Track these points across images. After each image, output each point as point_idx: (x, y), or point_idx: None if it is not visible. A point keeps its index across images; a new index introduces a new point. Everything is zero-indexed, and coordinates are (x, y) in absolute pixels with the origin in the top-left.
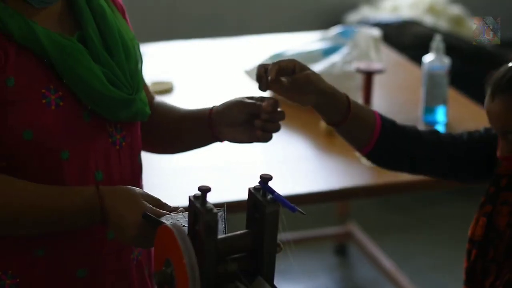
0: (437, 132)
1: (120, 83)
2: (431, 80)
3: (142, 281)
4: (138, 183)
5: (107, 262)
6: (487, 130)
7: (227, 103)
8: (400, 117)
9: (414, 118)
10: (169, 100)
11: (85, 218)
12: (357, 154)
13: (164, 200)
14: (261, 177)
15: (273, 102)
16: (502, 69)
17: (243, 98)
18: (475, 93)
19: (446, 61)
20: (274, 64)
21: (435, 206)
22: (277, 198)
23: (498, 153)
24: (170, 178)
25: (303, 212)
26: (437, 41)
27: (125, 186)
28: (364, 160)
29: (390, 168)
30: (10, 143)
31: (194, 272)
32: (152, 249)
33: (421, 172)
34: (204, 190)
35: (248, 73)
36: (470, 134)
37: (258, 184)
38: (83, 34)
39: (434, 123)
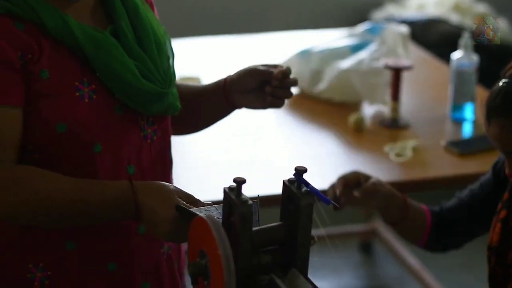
0: (458, 195)
1: (153, 77)
2: (459, 77)
3: (172, 276)
4: (169, 178)
5: (137, 256)
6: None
7: (240, 71)
8: (428, 114)
9: (442, 115)
10: None
11: (118, 213)
12: (386, 149)
13: (193, 194)
14: (296, 169)
15: (284, 69)
16: (495, 89)
17: (256, 65)
18: None
19: (475, 58)
20: (339, 179)
21: None
22: (312, 190)
23: (507, 171)
24: (199, 173)
25: (336, 205)
26: (466, 38)
27: (158, 182)
28: (392, 156)
29: (448, 250)
30: (43, 135)
31: (229, 263)
32: (182, 244)
33: (470, 237)
34: (239, 181)
35: None
36: (482, 178)
37: (292, 177)
38: (115, 28)
39: (462, 120)
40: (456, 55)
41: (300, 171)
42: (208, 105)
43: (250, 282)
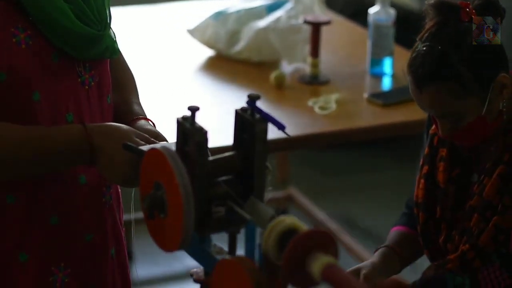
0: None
1: (88, 20)
2: (377, 31)
3: (115, 226)
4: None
5: (79, 207)
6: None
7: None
8: (347, 70)
9: (361, 70)
10: None
11: (73, 156)
12: (310, 103)
13: None
14: (249, 96)
15: None
16: (417, 55)
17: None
18: None
19: (392, 12)
20: None
21: (372, 171)
22: (265, 116)
23: (440, 133)
24: None
25: (288, 134)
26: None
27: (114, 124)
28: (317, 109)
29: None
30: None
31: (187, 192)
32: (120, 192)
33: None
34: (194, 109)
35: (190, 32)
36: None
37: (244, 106)
38: None
39: (381, 74)
40: (373, 9)
41: (253, 97)
42: None
43: (207, 214)
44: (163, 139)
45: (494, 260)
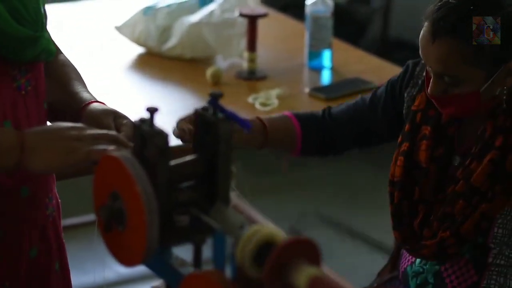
0: (348, 102)
1: (24, 20)
2: (315, 23)
3: (58, 238)
4: None
5: (23, 221)
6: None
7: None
8: (285, 64)
9: (298, 64)
10: None
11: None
12: (250, 100)
13: None
14: (211, 94)
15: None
16: (443, 7)
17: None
18: None
19: (330, 2)
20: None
21: (303, 168)
22: (229, 115)
23: (428, 91)
24: None
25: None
26: None
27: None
28: (258, 105)
29: (321, 156)
30: None
31: (150, 200)
32: (60, 203)
33: (344, 149)
34: (152, 110)
35: (119, 29)
36: (375, 92)
37: (205, 105)
38: None
39: (319, 67)
40: (310, 0)
41: (215, 95)
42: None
43: (170, 224)
44: (122, 116)
45: (464, 253)
